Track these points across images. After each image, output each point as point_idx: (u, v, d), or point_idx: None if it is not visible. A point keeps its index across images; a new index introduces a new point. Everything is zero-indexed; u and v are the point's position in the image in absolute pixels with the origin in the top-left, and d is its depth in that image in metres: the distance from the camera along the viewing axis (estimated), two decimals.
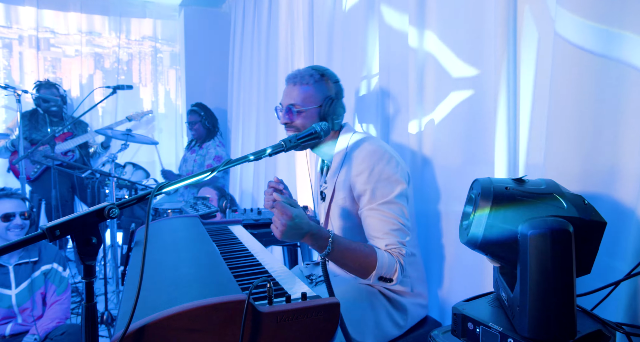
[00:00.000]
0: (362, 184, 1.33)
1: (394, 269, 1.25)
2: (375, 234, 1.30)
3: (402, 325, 1.40)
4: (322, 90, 1.45)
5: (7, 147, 3.80)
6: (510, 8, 1.26)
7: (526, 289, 0.75)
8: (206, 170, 0.99)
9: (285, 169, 3.09)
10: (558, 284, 0.74)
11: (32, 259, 2.09)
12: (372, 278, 1.24)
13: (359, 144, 1.41)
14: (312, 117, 1.44)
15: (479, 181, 0.87)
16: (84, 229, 0.77)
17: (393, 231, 1.28)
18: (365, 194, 1.33)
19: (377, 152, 1.35)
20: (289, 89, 1.48)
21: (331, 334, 0.89)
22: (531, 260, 0.74)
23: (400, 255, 1.26)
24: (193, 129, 3.97)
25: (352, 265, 1.25)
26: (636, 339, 0.88)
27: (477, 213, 0.82)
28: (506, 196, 0.81)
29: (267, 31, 3.39)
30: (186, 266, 1.09)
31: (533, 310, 0.75)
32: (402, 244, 1.28)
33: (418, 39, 1.66)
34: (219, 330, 0.80)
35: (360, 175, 1.34)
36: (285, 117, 1.47)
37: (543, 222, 0.75)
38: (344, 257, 1.24)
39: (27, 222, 2.10)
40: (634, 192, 0.99)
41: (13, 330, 2.03)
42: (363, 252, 1.24)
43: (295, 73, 1.49)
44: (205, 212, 2.53)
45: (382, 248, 1.27)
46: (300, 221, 1.15)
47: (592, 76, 1.03)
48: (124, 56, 4.77)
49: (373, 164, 1.33)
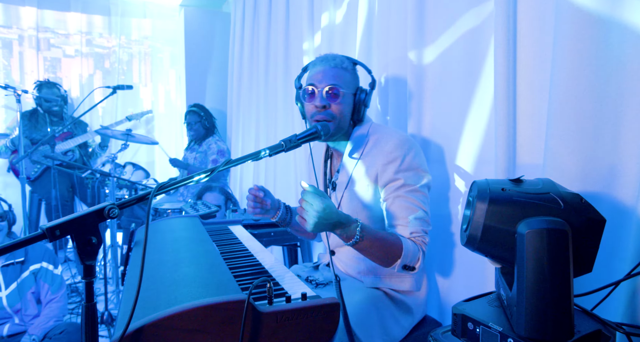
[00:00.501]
0: (392, 172, 1.32)
1: (417, 257, 1.25)
2: (400, 222, 1.30)
3: (407, 326, 1.39)
4: (357, 79, 1.42)
5: (8, 146, 3.81)
6: (510, 8, 1.26)
7: (523, 288, 0.75)
8: (206, 170, 0.99)
9: (285, 169, 3.09)
10: (554, 283, 0.74)
11: (17, 259, 2.07)
12: (397, 267, 1.24)
13: (384, 134, 1.39)
14: (349, 104, 1.38)
15: (477, 183, 0.88)
16: (84, 229, 0.77)
17: (417, 219, 1.28)
18: (393, 182, 1.32)
19: (408, 141, 1.34)
20: (326, 70, 1.36)
21: (331, 334, 0.89)
22: (528, 259, 0.75)
23: (424, 243, 1.28)
24: (192, 129, 3.97)
25: (378, 254, 1.23)
26: (636, 339, 0.88)
27: (475, 215, 0.83)
28: (503, 197, 0.81)
29: (267, 31, 3.39)
30: (186, 265, 1.09)
31: (530, 309, 0.75)
32: (425, 233, 1.29)
33: (417, 40, 1.66)
34: (219, 330, 0.80)
35: (391, 163, 1.32)
36: (323, 99, 1.34)
37: (539, 221, 0.76)
38: (372, 246, 1.21)
39: (3, 224, 2.06)
40: (634, 192, 0.99)
41: (11, 330, 2.03)
42: (389, 241, 1.24)
43: (331, 55, 1.41)
44: (205, 212, 2.53)
45: (406, 236, 1.27)
46: (331, 211, 1.11)
47: (592, 76, 1.03)
48: (124, 56, 4.77)
49: (404, 153, 1.32)
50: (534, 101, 1.26)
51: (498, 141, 1.31)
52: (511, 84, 1.28)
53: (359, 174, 1.39)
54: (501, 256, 0.83)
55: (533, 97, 1.26)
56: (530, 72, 1.26)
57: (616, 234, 1.03)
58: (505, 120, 1.29)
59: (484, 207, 0.81)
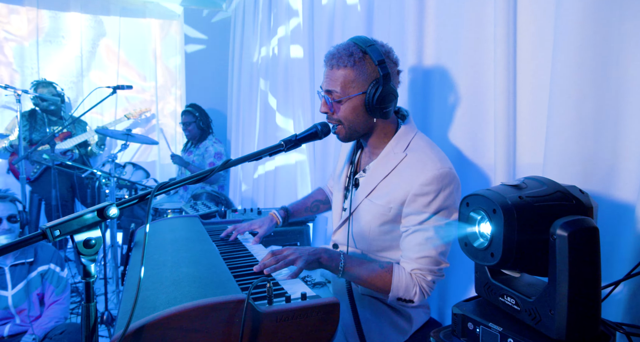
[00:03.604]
0: (421, 206, 1.20)
1: (413, 292, 1.21)
2: (409, 254, 1.24)
3: (407, 330, 1.37)
4: (366, 73, 1.21)
5: (6, 148, 3.81)
6: (511, 8, 1.25)
7: (564, 290, 0.73)
8: (206, 170, 0.99)
9: (285, 168, 3.09)
10: (595, 283, 0.74)
11: (28, 259, 2.09)
12: (389, 299, 1.24)
13: (424, 156, 1.24)
14: (356, 107, 1.24)
15: (486, 196, 0.80)
16: (84, 229, 0.77)
17: (425, 257, 1.21)
18: (418, 215, 1.21)
19: (449, 176, 1.20)
20: (327, 72, 1.26)
21: (331, 334, 0.89)
22: (570, 262, 0.73)
23: (424, 280, 1.21)
24: (187, 130, 3.97)
25: (367, 284, 1.25)
26: (636, 339, 0.88)
27: (505, 231, 0.76)
28: (527, 206, 0.77)
29: (267, 31, 3.39)
30: (186, 265, 1.09)
31: (572, 311, 0.73)
32: (431, 272, 1.21)
33: (416, 40, 1.66)
34: (218, 330, 0.80)
35: (423, 196, 1.19)
36: (323, 106, 1.27)
37: (574, 222, 0.74)
38: (358, 276, 1.24)
39: (15, 225, 2.07)
40: (634, 192, 0.99)
41: (11, 331, 2.03)
42: (377, 273, 1.23)
43: (333, 51, 1.24)
44: (205, 212, 2.54)
45: (407, 270, 1.23)
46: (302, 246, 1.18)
47: (592, 76, 1.03)
48: (124, 56, 4.77)
49: (440, 189, 1.19)
50: (534, 101, 1.26)
51: (498, 141, 1.31)
52: (511, 84, 1.28)
53: (386, 189, 1.28)
54: (533, 266, 0.79)
55: (533, 97, 1.26)
56: (531, 72, 1.26)
57: (616, 234, 1.03)
58: (505, 120, 1.28)
59: (513, 221, 0.75)
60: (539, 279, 0.89)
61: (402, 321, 1.36)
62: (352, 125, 1.27)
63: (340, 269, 1.21)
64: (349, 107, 1.24)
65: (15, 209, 2.09)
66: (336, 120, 1.27)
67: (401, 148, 1.29)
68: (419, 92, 1.69)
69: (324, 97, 1.27)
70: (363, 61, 1.21)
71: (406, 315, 1.37)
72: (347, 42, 1.25)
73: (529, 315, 0.80)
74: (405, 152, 1.27)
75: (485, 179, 1.45)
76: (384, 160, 1.30)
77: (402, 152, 1.28)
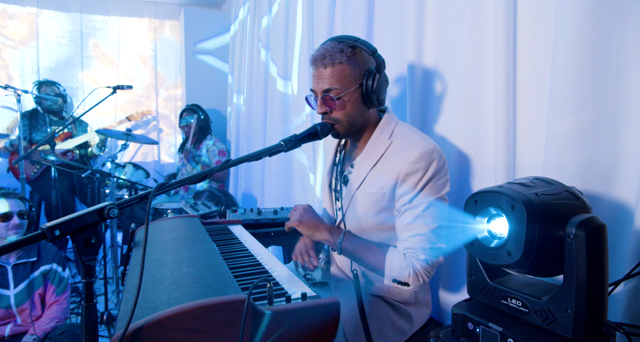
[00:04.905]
0: (412, 184, 1.24)
1: (407, 273, 1.20)
2: (401, 235, 1.26)
3: (407, 330, 1.37)
4: (359, 65, 1.26)
5: (7, 147, 3.81)
6: (510, 8, 1.25)
7: (583, 289, 0.72)
8: (206, 170, 0.99)
9: (285, 168, 3.09)
10: (604, 280, 0.74)
11: (31, 259, 2.10)
12: (386, 280, 1.24)
13: (409, 139, 1.29)
14: (355, 101, 1.28)
15: (503, 193, 0.78)
16: (83, 229, 0.77)
17: (416, 235, 1.22)
18: (409, 194, 1.24)
19: (435, 152, 1.25)
20: (319, 73, 1.27)
21: (331, 334, 0.88)
22: (588, 261, 0.72)
23: (417, 260, 1.21)
24: (188, 127, 3.96)
25: (365, 262, 1.29)
26: (636, 339, 0.88)
27: (527, 228, 0.75)
28: (543, 203, 0.76)
29: (267, 31, 3.38)
30: (186, 265, 1.09)
31: (591, 309, 0.73)
32: (424, 250, 1.21)
33: (416, 40, 1.66)
34: (218, 330, 0.80)
35: (413, 175, 1.24)
36: (322, 106, 1.28)
37: (589, 220, 0.74)
38: (355, 252, 1.28)
39: (25, 222, 2.10)
40: (634, 192, 0.99)
41: (12, 331, 2.03)
42: (372, 251, 1.26)
43: (322, 52, 1.27)
44: (205, 212, 2.53)
45: (401, 250, 1.24)
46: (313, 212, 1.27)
47: (592, 76, 1.03)
48: (124, 56, 4.77)
49: (428, 164, 1.23)
50: (534, 101, 1.26)
51: (498, 141, 1.31)
52: (511, 84, 1.28)
53: (375, 176, 1.31)
54: (539, 264, 0.78)
55: (533, 97, 1.26)
56: (530, 72, 1.26)
57: (616, 234, 1.03)
58: (505, 120, 1.28)
59: (535, 217, 0.74)
60: (537, 279, 0.88)
61: (402, 321, 1.36)
62: (351, 119, 1.31)
63: (338, 245, 1.27)
64: (349, 101, 1.28)
65: (24, 206, 2.12)
66: (334, 118, 1.30)
67: (386, 136, 1.33)
68: (419, 92, 1.69)
69: (320, 98, 1.29)
70: (354, 55, 1.26)
71: (407, 315, 1.36)
72: (330, 42, 1.29)
73: (539, 316, 0.79)
74: (391, 139, 1.32)
75: (485, 179, 1.45)
76: (371, 150, 1.34)
77: (388, 140, 1.32)
